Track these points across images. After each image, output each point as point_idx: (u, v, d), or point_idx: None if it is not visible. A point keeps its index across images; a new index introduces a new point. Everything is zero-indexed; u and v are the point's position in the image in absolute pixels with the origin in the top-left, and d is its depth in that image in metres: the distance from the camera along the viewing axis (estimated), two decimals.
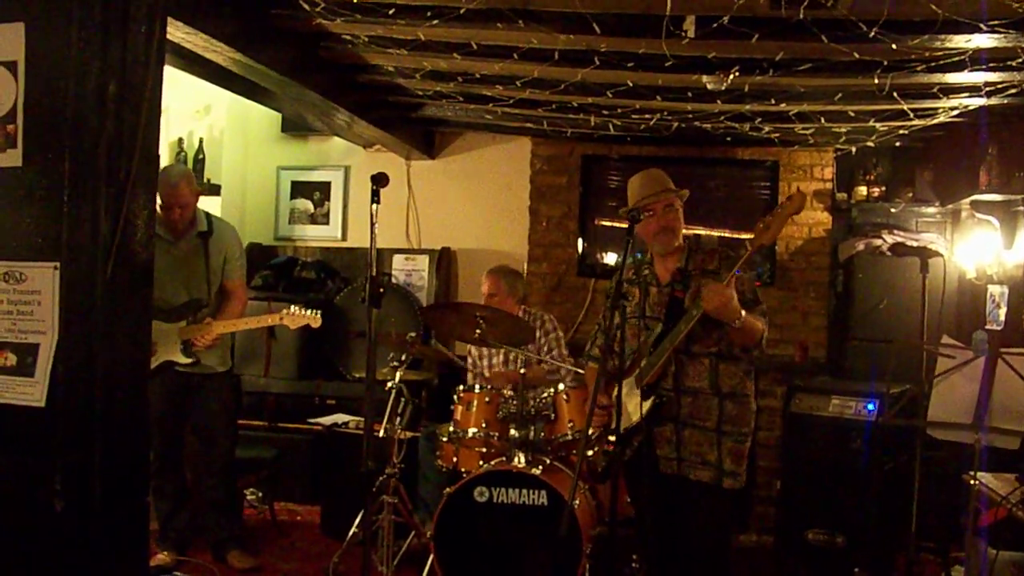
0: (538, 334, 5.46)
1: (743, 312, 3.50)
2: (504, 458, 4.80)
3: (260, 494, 6.18)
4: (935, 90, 4.70)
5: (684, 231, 3.93)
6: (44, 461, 2.84)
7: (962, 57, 4.06)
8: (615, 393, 3.48)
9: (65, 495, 2.82)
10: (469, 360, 5.78)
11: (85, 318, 2.85)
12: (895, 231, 6.24)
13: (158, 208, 4.68)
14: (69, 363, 2.83)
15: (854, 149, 6.50)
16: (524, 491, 4.59)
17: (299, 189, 7.66)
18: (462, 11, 3.91)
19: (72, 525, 2.83)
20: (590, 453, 4.40)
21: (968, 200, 5.78)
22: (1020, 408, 3.74)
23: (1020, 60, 4.06)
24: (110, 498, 2.92)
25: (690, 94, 5.06)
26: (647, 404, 3.71)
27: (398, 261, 7.32)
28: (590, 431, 3.98)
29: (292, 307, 4.99)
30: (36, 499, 2.83)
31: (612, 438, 3.65)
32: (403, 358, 5.11)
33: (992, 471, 3.98)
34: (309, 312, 4.97)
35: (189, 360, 4.87)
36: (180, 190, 4.86)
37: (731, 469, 3.71)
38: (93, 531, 2.88)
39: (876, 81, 4.49)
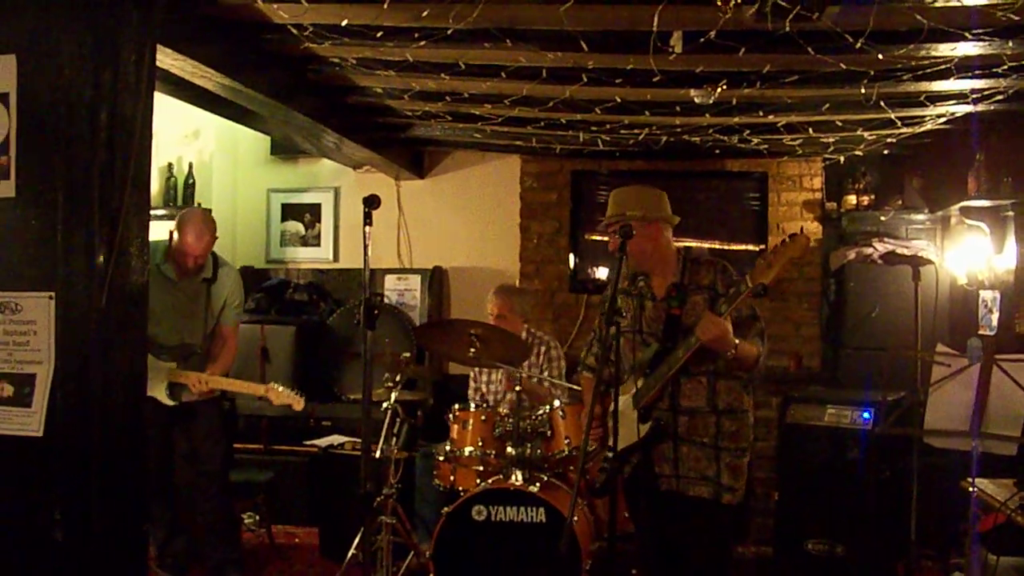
0: (540, 359, 5.44)
1: (737, 342, 3.50)
2: (501, 476, 4.80)
3: (258, 517, 6.16)
4: (922, 98, 4.73)
5: (676, 245, 3.88)
6: (43, 491, 2.84)
7: (948, 65, 4.09)
8: (611, 407, 3.45)
9: (65, 525, 2.82)
10: (471, 377, 5.77)
11: (81, 347, 2.86)
12: (885, 239, 6.27)
13: (173, 243, 4.72)
14: (66, 392, 2.84)
15: (842, 158, 6.52)
16: (522, 508, 4.59)
17: (289, 211, 7.67)
18: (449, 32, 3.92)
19: (73, 555, 2.83)
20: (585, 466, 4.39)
21: (957, 206, 5.82)
22: (1016, 414, 3.75)
23: (1005, 67, 4.09)
24: (109, 526, 2.92)
25: (678, 108, 5.08)
26: (644, 427, 3.69)
27: (390, 281, 7.33)
28: (589, 445, 3.95)
29: (279, 386, 4.92)
30: (37, 529, 2.83)
31: (610, 454, 3.64)
32: (398, 378, 5.10)
33: (990, 477, 3.99)
34: (293, 393, 4.90)
35: (172, 403, 4.87)
36: (204, 242, 4.85)
37: (729, 484, 3.70)
38: (93, 560, 2.88)
39: (863, 91, 4.51)
